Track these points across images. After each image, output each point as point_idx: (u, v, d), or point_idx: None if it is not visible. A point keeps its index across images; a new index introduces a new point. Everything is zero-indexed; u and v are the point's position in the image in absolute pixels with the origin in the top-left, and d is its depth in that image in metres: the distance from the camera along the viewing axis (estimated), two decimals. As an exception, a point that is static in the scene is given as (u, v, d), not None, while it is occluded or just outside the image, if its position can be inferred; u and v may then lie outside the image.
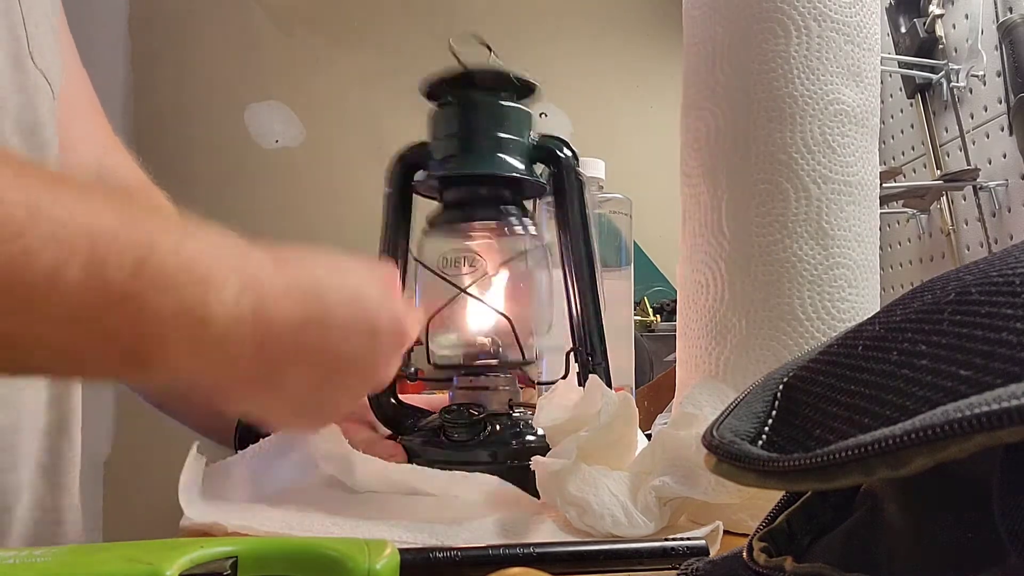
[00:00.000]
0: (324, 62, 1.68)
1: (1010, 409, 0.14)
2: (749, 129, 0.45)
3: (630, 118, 1.68)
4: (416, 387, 0.93)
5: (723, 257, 0.45)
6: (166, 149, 1.67)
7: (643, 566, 0.31)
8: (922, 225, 1.15)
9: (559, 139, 0.58)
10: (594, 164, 0.81)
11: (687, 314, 0.48)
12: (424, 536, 0.39)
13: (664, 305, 1.17)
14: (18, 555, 0.22)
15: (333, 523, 0.42)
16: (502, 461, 0.50)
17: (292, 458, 0.52)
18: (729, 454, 0.20)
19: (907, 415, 0.17)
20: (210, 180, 1.67)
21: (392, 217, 0.59)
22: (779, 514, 0.26)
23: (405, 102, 1.61)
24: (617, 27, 1.71)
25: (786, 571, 0.22)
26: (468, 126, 0.55)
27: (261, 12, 1.68)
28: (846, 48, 0.44)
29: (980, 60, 1.00)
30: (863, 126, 0.45)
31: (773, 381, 0.25)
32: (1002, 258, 0.21)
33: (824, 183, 0.44)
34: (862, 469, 0.16)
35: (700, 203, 0.47)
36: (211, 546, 0.24)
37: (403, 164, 0.59)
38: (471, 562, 0.29)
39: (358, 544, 0.26)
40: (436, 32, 1.68)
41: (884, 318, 0.22)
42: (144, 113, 1.64)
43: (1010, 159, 0.97)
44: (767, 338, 0.43)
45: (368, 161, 1.67)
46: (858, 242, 0.44)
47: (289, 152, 1.67)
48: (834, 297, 0.43)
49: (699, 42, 0.48)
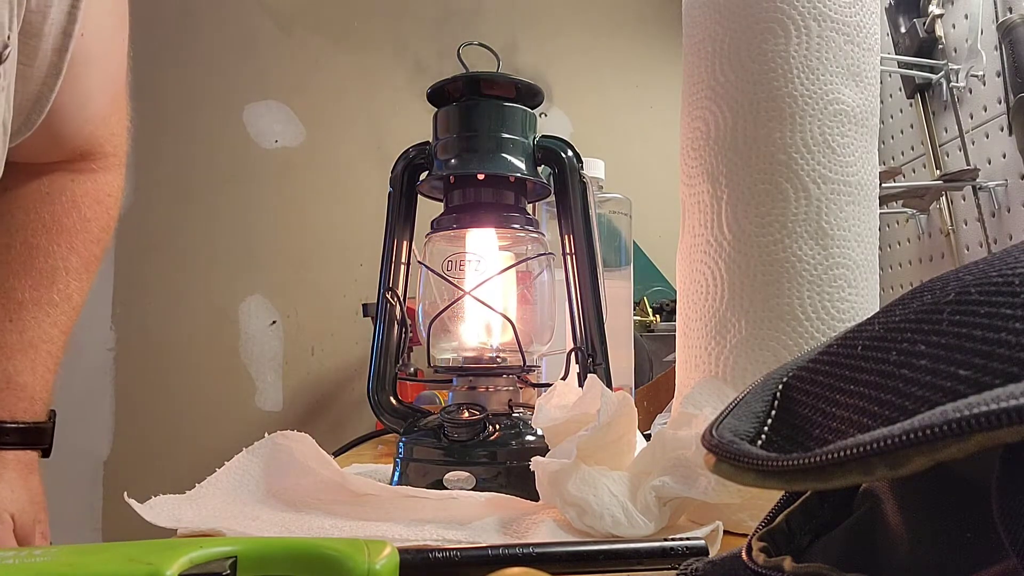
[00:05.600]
0: (324, 62, 1.68)
1: (1009, 409, 0.14)
2: (749, 129, 0.45)
3: (630, 118, 1.67)
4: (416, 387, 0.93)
5: (723, 257, 0.45)
6: (166, 149, 1.67)
7: (643, 566, 0.31)
8: (922, 225, 1.15)
9: (562, 140, 0.58)
10: (594, 164, 0.81)
11: (687, 314, 0.48)
12: (424, 536, 0.39)
13: (664, 305, 1.17)
14: (18, 555, 0.22)
15: (333, 523, 0.42)
16: (501, 461, 0.50)
17: (284, 459, 0.52)
18: (729, 454, 0.20)
19: (906, 415, 0.17)
20: (210, 180, 1.67)
21: (395, 218, 0.59)
22: (778, 514, 0.26)
23: (405, 102, 1.60)
24: (617, 27, 1.71)
25: (785, 571, 0.22)
26: (472, 127, 0.55)
27: (261, 12, 1.68)
28: (846, 48, 0.44)
29: (980, 60, 1.01)
30: (863, 126, 0.45)
31: (773, 381, 0.25)
32: (1002, 258, 0.21)
33: (824, 183, 0.44)
34: (861, 469, 0.16)
35: (700, 203, 0.47)
36: (211, 546, 0.24)
37: (407, 165, 0.59)
38: (471, 562, 0.29)
39: (358, 544, 0.26)
40: (436, 32, 1.68)
41: (883, 318, 0.22)
42: (145, 113, 1.64)
43: (1010, 159, 0.97)
44: (767, 338, 0.43)
45: (368, 161, 1.67)
46: (858, 242, 0.44)
47: (289, 152, 1.67)
48: (834, 297, 0.43)
49: (699, 42, 0.48)
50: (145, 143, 1.62)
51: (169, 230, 1.65)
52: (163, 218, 1.66)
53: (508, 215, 0.56)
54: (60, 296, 0.65)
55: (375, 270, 0.59)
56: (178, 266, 1.62)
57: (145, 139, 1.62)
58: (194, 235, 1.64)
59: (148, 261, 1.63)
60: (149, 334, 1.55)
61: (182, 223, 1.65)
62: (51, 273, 0.64)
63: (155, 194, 1.67)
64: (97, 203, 0.69)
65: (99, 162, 0.70)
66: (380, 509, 0.45)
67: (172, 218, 1.66)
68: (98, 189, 0.69)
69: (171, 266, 1.62)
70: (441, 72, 0.47)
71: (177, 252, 1.64)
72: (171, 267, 1.62)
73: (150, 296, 1.59)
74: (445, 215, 0.57)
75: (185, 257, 1.63)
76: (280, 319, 1.58)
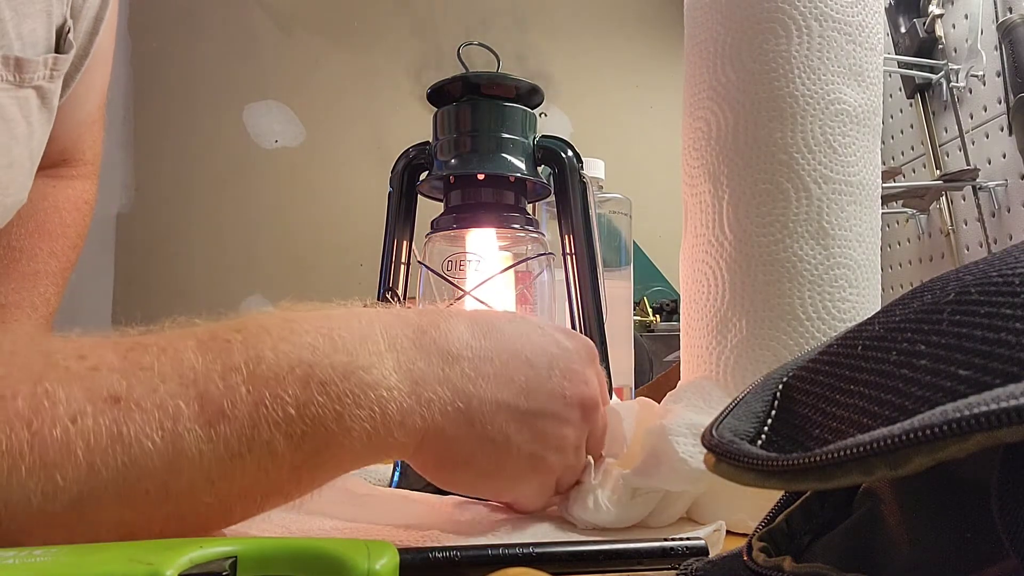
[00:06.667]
0: (324, 62, 1.68)
1: (1009, 409, 0.14)
2: (750, 129, 0.45)
3: (630, 118, 1.68)
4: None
5: (724, 257, 0.45)
6: (166, 149, 1.67)
7: (642, 566, 0.31)
8: (922, 225, 1.15)
9: (562, 140, 0.58)
10: (594, 164, 0.81)
11: (689, 314, 0.49)
12: (424, 536, 0.39)
13: (664, 305, 1.17)
14: (18, 555, 0.22)
15: (333, 523, 0.42)
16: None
17: None
18: (729, 453, 0.20)
19: (906, 415, 0.17)
20: (210, 180, 1.67)
21: (395, 218, 0.59)
22: (779, 514, 0.26)
23: (405, 102, 1.60)
24: (617, 27, 1.71)
25: (785, 571, 0.22)
26: (472, 127, 0.55)
27: (261, 12, 1.68)
28: (848, 48, 0.44)
29: (980, 60, 1.01)
30: (865, 126, 0.45)
31: (773, 381, 0.25)
32: (1002, 258, 0.21)
33: (825, 183, 0.44)
34: (861, 469, 0.16)
35: (701, 203, 0.47)
36: (211, 546, 0.24)
37: (407, 165, 0.59)
38: (471, 562, 0.29)
39: (358, 544, 0.26)
40: (436, 32, 1.68)
41: (884, 318, 0.22)
42: (144, 113, 1.64)
43: (1010, 159, 0.97)
44: (767, 338, 0.43)
45: (368, 161, 1.67)
46: (859, 242, 0.44)
47: (289, 152, 1.67)
48: (834, 297, 0.43)
49: (701, 42, 0.48)
50: (145, 143, 1.62)
51: (169, 230, 1.65)
52: (163, 218, 1.66)
53: (508, 215, 0.56)
54: (40, 300, 0.65)
55: (375, 270, 0.59)
56: (178, 266, 1.62)
57: (145, 139, 1.62)
58: (194, 235, 1.64)
59: (148, 261, 1.63)
60: (149, 334, 1.55)
61: (182, 223, 1.65)
62: (33, 276, 0.65)
63: (155, 194, 1.66)
64: (75, 209, 0.69)
65: (78, 169, 0.70)
66: (380, 510, 0.45)
67: (172, 218, 1.66)
68: (76, 196, 0.70)
69: (171, 266, 1.62)
70: (441, 72, 0.48)
71: (177, 252, 1.63)
72: (171, 267, 1.62)
73: (150, 296, 1.59)
74: (445, 215, 0.57)
75: (185, 257, 1.63)
76: (280, 319, 1.58)
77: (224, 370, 0.28)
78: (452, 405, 0.33)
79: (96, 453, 0.25)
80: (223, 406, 0.27)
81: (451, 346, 0.34)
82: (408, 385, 0.32)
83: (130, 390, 0.26)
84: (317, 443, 0.29)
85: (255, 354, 0.29)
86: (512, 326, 0.37)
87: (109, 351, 0.27)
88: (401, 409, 0.31)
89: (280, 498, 0.30)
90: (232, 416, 0.27)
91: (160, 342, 0.28)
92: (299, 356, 0.29)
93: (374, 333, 0.32)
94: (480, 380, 0.34)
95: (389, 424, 0.31)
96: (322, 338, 0.30)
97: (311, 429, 0.29)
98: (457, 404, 0.33)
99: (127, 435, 0.25)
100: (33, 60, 0.48)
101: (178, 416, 0.26)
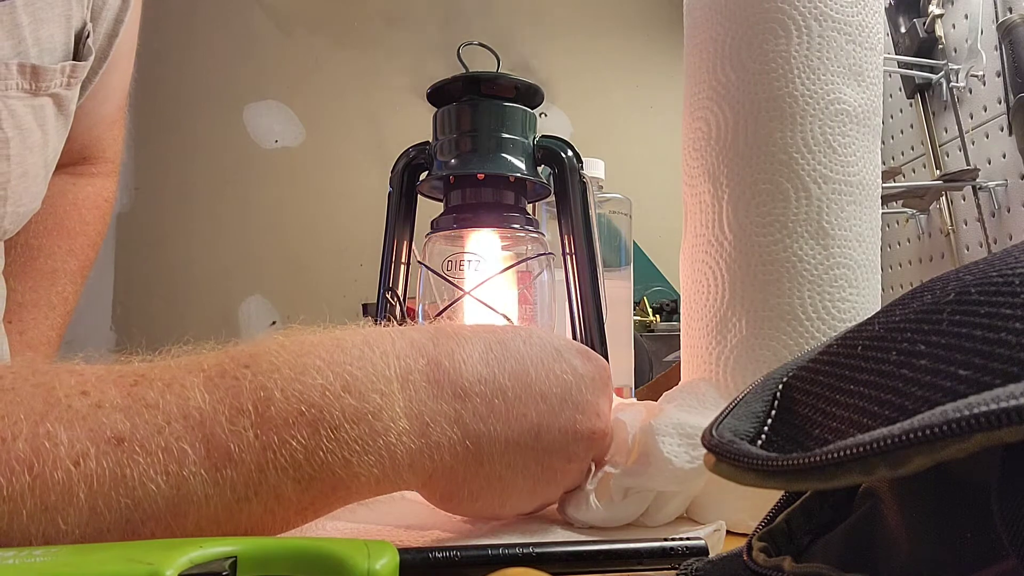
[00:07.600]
0: (324, 62, 1.68)
1: (1009, 409, 0.14)
2: (750, 129, 0.45)
3: (630, 118, 1.68)
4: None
5: (724, 257, 0.45)
6: (166, 149, 1.67)
7: (643, 566, 0.31)
8: (922, 225, 1.15)
9: (562, 140, 0.58)
10: (594, 164, 0.81)
11: (688, 314, 0.49)
12: (424, 536, 0.39)
13: (664, 305, 1.17)
14: (18, 555, 0.22)
15: (333, 523, 0.42)
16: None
17: None
18: (728, 453, 0.20)
19: (906, 415, 0.17)
20: (210, 180, 1.67)
21: (395, 218, 0.59)
22: (778, 514, 0.26)
23: (405, 102, 1.60)
24: (617, 27, 1.71)
25: (785, 571, 0.22)
26: (472, 127, 0.55)
27: (261, 12, 1.68)
28: (847, 48, 0.44)
29: (980, 60, 1.01)
30: (865, 126, 0.45)
31: (773, 381, 0.25)
32: (1002, 258, 0.21)
33: (825, 183, 0.44)
34: (861, 469, 0.16)
35: (701, 203, 0.47)
36: (210, 546, 0.24)
37: (407, 165, 0.59)
38: (471, 562, 0.29)
39: (358, 544, 0.26)
40: (436, 32, 1.68)
41: (884, 318, 0.22)
42: (144, 113, 1.64)
43: (1009, 159, 0.97)
44: (767, 338, 0.43)
45: (368, 161, 1.67)
46: (859, 242, 0.44)
47: (289, 152, 1.67)
48: (834, 297, 0.43)
49: (701, 43, 0.48)
50: (145, 143, 1.62)
51: (169, 230, 1.65)
52: (163, 218, 1.66)
53: (508, 215, 0.56)
54: (58, 299, 0.65)
55: (375, 270, 0.59)
56: (178, 266, 1.62)
57: (145, 139, 1.62)
58: (194, 235, 1.64)
59: (148, 261, 1.63)
60: (149, 334, 1.56)
61: (182, 223, 1.65)
62: (51, 275, 0.64)
63: (155, 194, 1.67)
64: (95, 207, 0.69)
65: (99, 166, 0.70)
66: (380, 509, 0.45)
67: (172, 218, 1.66)
68: (96, 193, 0.69)
69: (171, 266, 1.62)
70: (441, 72, 0.48)
71: (177, 252, 1.63)
72: (171, 267, 1.62)
73: (150, 296, 1.59)
74: (445, 215, 0.57)
75: (185, 257, 1.63)
76: (280, 319, 1.58)
77: (232, 412, 0.27)
78: (462, 445, 0.33)
79: (99, 496, 0.24)
80: (230, 450, 0.27)
81: (464, 380, 0.33)
82: (418, 427, 0.31)
83: (134, 430, 0.25)
84: (324, 487, 0.29)
85: (264, 395, 0.28)
86: (528, 349, 0.36)
87: (112, 386, 0.26)
88: (410, 452, 0.31)
89: (285, 531, 0.30)
90: (239, 460, 0.27)
91: (165, 376, 0.28)
92: (309, 399, 0.29)
93: (387, 370, 0.31)
94: (492, 417, 0.33)
95: (398, 468, 0.31)
96: (333, 376, 0.30)
97: (319, 474, 0.29)
98: (467, 444, 0.33)
99: (131, 478, 0.25)
100: (50, 68, 0.47)
101: (183, 459, 0.26)
